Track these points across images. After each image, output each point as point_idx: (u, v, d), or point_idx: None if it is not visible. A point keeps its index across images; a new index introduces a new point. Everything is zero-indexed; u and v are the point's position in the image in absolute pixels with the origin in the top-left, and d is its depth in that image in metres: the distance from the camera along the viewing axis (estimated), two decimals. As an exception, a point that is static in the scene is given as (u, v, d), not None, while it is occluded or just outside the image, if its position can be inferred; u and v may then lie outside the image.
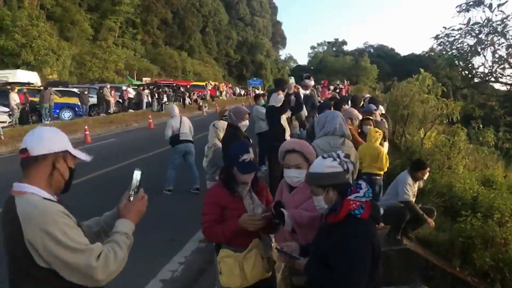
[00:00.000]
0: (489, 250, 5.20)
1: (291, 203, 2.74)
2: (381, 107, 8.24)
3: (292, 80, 6.69)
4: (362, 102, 9.75)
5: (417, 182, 5.25)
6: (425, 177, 5.30)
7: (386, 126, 7.20)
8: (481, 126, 11.63)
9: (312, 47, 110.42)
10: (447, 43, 7.04)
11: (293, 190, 2.82)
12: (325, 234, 2.19)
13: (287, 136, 6.84)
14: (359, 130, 6.63)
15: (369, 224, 2.09)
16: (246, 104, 33.40)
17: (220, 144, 5.24)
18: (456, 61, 7.15)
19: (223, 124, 5.51)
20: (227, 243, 2.80)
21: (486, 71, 6.97)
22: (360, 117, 6.86)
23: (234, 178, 2.78)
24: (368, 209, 2.07)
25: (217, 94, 43.55)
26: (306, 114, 8.90)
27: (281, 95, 6.71)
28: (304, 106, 7.76)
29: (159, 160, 12.26)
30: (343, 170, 2.14)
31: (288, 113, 7.14)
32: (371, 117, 6.78)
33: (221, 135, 5.33)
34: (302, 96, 7.87)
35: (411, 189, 5.12)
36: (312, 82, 9.68)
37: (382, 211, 2.29)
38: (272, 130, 6.76)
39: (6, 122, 17.36)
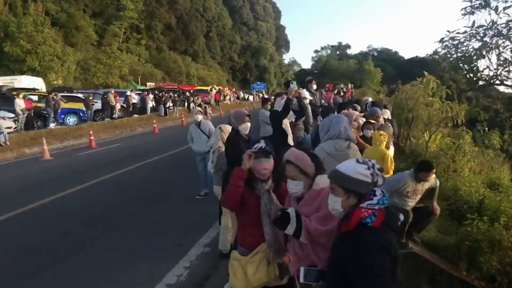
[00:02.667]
0: (496, 253, 5.16)
1: None
2: (387, 111, 8.19)
3: (293, 84, 6.66)
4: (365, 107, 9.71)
5: (422, 183, 5.17)
6: (429, 180, 5.18)
7: (391, 130, 7.15)
8: (486, 128, 11.57)
9: (316, 51, 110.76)
10: (451, 47, 7.01)
11: (300, 202, 2.70)
12: (339, 243, 2.10)
13: (290, 140, 6.81)
14: (361, 134, 6.60)
15: (384, 232, 1.98)
16: (250, 108, 33.48)
17: (223, 148, 5.21)
18: (461, 64, 7.12)
19: (229, 128, 5.49)
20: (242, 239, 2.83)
21: (491, 74, 6.93)
22: (361, 119, 6.85)
23: (252, 174, 2.79)
24: (381, 217, 1.97)
25: (221, 98, 43.59)
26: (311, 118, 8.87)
27: (284, 100, 6.70)
28: (309, 110, 7.71)
29: (165, 165, 12.30)
30: (371, 181, 2.04)
31: (292, 118, 7.11)
32: (372, 121, 6.75)
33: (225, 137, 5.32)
34: (308, 99, 7.87)
35: (403, 188, 5.08)
36: (314, 86, 9.65)
37: (402, 218, 2.13)
38: (274, 134, 6.76)
39: (11, 127, 17.47)
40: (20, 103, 17.90)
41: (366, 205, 1.99)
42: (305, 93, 8.05)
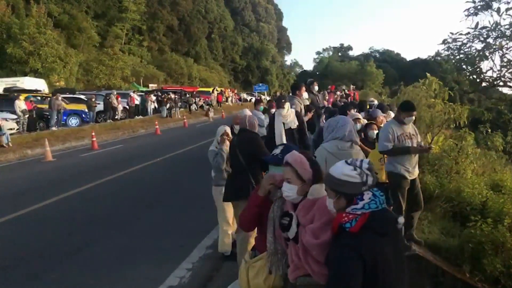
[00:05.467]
0: (500, 256, 5.13)
1: None
2: (391, 113, 8.15)
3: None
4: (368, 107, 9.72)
5: (403, 127, 5.07)
6: (410, 121, 5.06)
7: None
8: (489, 130, 11.53)
9: (318, 53, 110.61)
10: (454, 48, 7.00)
11: (296, 211, 2.54)
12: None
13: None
14: (363, 135, 6.56)
15: (362, 237, 1.93)
16: (251, 109, 33.50)
17: (212, 147, 5.31)
18: (464, 66, 7.11)
19: (228, 130, 5.46)
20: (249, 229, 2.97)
21: (495, 75, 6.92)
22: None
23: None
24: (361, 222, 1.94)
25: (223, 99, 43.59)
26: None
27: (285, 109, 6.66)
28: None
29: (167, 167, 12.30)
30: (360, 181, 2.03)
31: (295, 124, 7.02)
32: (374, 122, 6.72)
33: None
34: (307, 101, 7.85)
35: (393, 134, 4.98)
36: (316, 88, 9.63)
37: (402, 220, 2.08)
38: (269, 136, 6.71)
39: (14, 129, 17.48)
40: (20, 105, 17.92)
41: (350, 209, 2.00)
42: (305, 94, 8.06)
